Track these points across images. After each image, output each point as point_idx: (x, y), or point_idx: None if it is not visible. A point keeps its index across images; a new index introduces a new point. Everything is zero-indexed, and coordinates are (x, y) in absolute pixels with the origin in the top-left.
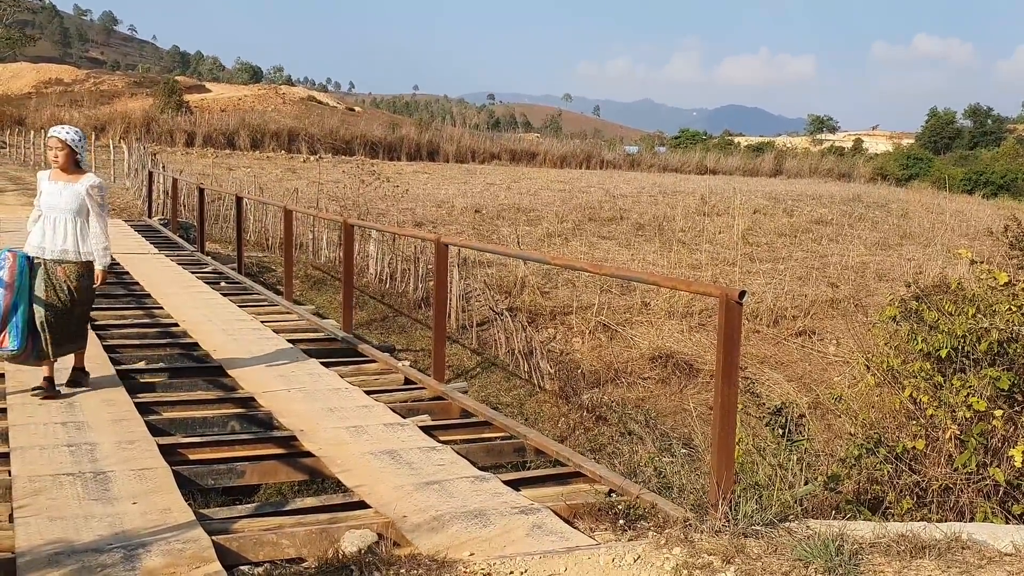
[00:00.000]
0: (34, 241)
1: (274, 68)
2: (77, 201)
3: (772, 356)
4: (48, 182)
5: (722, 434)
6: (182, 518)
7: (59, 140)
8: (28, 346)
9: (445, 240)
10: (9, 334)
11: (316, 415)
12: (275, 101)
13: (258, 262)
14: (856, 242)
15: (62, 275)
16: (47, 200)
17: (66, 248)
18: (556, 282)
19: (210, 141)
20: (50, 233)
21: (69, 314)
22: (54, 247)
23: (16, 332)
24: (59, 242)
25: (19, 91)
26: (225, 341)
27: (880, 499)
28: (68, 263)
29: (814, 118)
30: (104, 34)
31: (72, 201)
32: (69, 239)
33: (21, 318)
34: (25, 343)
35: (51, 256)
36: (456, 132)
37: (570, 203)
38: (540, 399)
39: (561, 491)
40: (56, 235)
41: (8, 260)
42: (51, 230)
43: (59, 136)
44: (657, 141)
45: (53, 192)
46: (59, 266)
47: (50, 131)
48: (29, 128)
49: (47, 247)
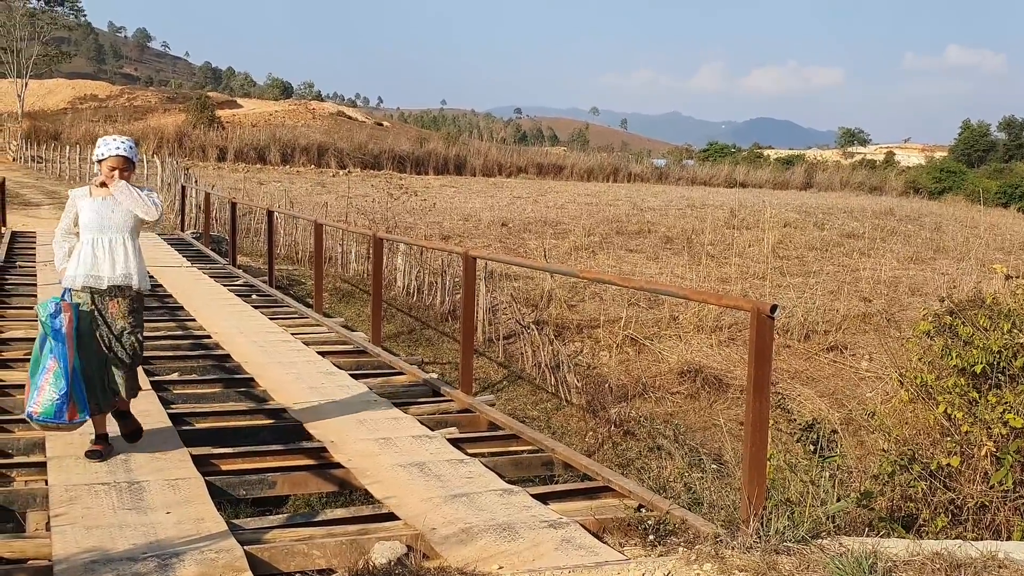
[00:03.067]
0: (79, 271)
1: (304, 84)
2: (132, 218)
3: (803, 371)
4: (89, 200)
5: (753, 449)
6: (215, 528)
7: (123, 159)
8: (91, 408)
9: (473, 253)
10: (78, 403)
11: (346, 426)
12: (305, 116)
13: (288, 275)
14: (888, 256)
15: (115, 310)
16: (94, 221)
17: (128, 272)
18: (583, 295)
19: (241, 156)
20: (104, 258)
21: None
22: (112, 273)
23: (81, 399)
24: (119, 266)
25: (55, 107)
26: (256, 353)
27: (914, 517)
28: (124, 296)
29: (845, 131)
30: (138, 50)
31: (127, 218)
32: (131, 262)
33: (80, 379)
34: (87, 405)
35: (110, 283)
36: (483, 146)
37: (597, 216)
38: (567, 413)
39: (590, 505)
40: (115, 259)
41: (65, 313)
42: (105, 254)
43: (124, 154)
44: (685, 154)
45: (101, 211)
46: (112, 300)
47: (108, 148)
48: (64, 143)
49: (104, 275)
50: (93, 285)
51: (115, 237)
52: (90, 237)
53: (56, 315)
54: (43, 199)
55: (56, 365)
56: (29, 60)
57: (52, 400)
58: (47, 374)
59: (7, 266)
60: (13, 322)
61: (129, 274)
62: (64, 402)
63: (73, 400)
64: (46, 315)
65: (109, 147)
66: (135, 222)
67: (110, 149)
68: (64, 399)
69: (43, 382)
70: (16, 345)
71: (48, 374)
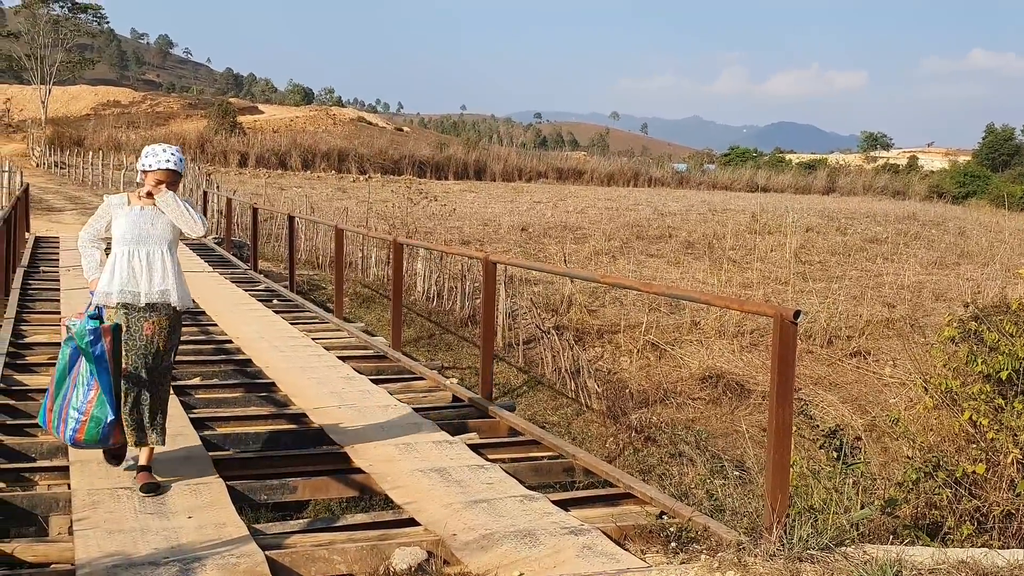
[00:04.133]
0: (114, 286)
1: (325, 90)
2: (172, 230)
3: (826, 377)
4: (127, 209)
5: (776, 456)
6: (236, 533)
7: (171, 173)
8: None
9: (493, 258)
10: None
11: (366, 431)
12: (326, 122)
13: (309, 280)
14: (912, 261)
15: (150, 331)
16: (132, 231)
17: (166, 288)
18: (603, 300)
19: (262, 161)
20: (142, 272)
21: (160, 384)
22: (150, 289)
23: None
24: (157, 281)
25: (78, 113)
26: (277, 358)
27: (939, 524)
28: (161, 314)
29: (867, 135)
30: (160, 57)
31: (167, 230)
32: (169, 277)
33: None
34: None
35: (148, 300)
36: (503, 151)
37: (617, 221)
38: (587, 418)
39: (611, 512)
40: (153, 274)
41: (106, 338)
42: (142, 268)
43: (173, 168)
44: (706, 159)
45: (140, 221)
46: (148, 319)
47: (157, 160)
48: (87, 149)
49: (141, 290)
50: (129, 301)
51: (153, 250)
52: (126, 249)
53: (96, 341)
54: (66, 204)
55: (99, 391)
56: (53, 67)
57: (98, 427)
58: (90, 403)
59: (31, 270)
60: (36, 327)
61: (167, 290)
62: (111, 429)
63: (119, 425)
64: (84, 341)
65: (159, 159)
66: (175, 234)
67: (159, 161)
68: (111, 426)
69: (87, 408)
70: (39, 349)
71: (91, 401)
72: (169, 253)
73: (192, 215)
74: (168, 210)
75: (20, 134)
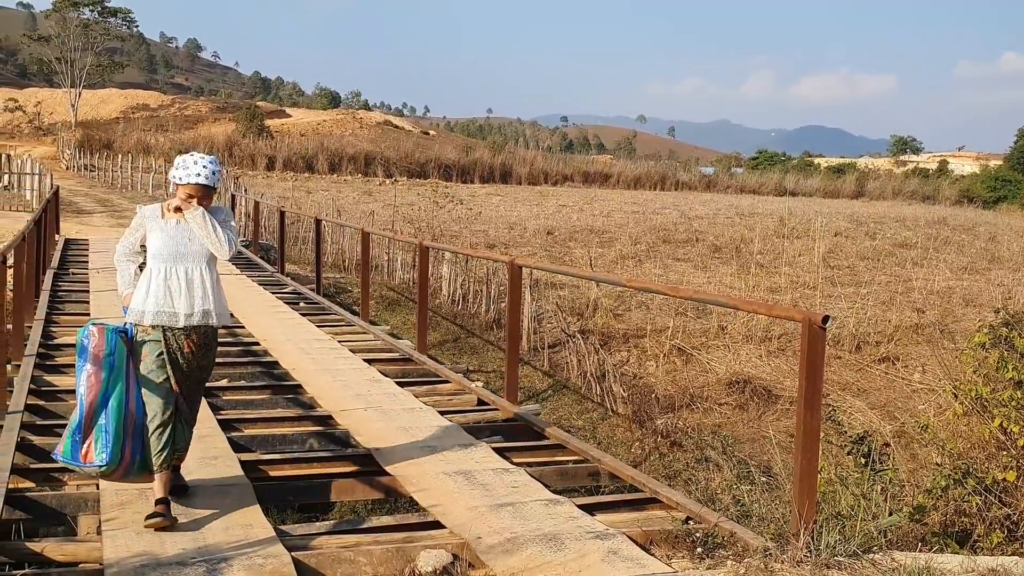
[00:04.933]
0: (149, 305)
1: (352, 93)
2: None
3: (854, 383)
4: (161, 222)
5: (804, 462)
6: (263, 534)
7: (203, 188)
8: (125, 457)
9: (519, 262)
10: (97, 442)
11: (392, 434)
12: (352, 125)
13: (335, 283)
14: (942, 266)
15: (189, 349)
16: (168, 247)
17: (207, 309)
18: (629, 304)
19: (290, 165)
20: (180, 292)
21: (192, 404)
22: (190, 310)
23: (106, 439)
24: (197, 302)
25: (107, 116)
26: (304, 360)
27: (968, 532)
28: (200, 334)
29: (897, 139)
30: (189, 60)
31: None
32: (210, 296)
33: (113, 417)
34: (120, 454)
35: (187, 323)
36: (529, 154)
37: (644, 224)
38: (613, 423)
39: (636, 517)
40: (192, 293)
41: (93, 336)
42: (180, 287)
43: (204, 183)
44: (734, 162)
45: (176, 236)
46: (188, 338)
47: (187, 174)
48: (117, 152)
49: (180, 311)
50: (166, 323)
51: (192, 267)
52: (163, 266)
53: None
54: (96, 207)
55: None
56: (82, 70)
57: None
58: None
59: (60, 272)
60: (65, 328)
61: (208, 311)
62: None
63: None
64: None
65: (189, 171)
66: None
67: (189, 175)
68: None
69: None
70: (68, 351)
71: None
72: (208, 270)
73: (219, 235)
74: (196, 228)
75: (50, 137)
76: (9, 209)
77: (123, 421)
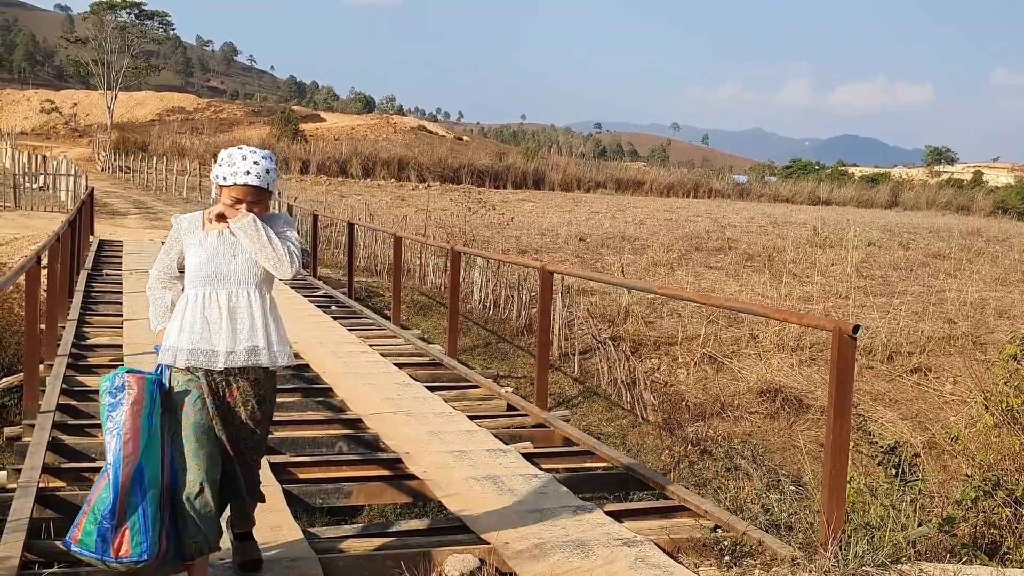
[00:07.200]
0: (183, 342)
1: (386, 98)
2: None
3: (886, 393)
4: (201, 235)
5: (833, 472)
6: (291, 536)
7: (253, 190)
8: (162, 548)
9: (550, 268)
10: (134, 530)
11: (421, 438)
12: (386, 130)
13: (367, 287)
14: (975, 277)
15: (238, 396)
16: (207, 266)
17: (255, 345)
18: (660, 312)
19: (324, 169)
20: (220, 323)
21: (247, 470)
22: (233, 347)
23: (144, 525)
24: (243, 336)
25: (143, 119)
26: (335, 363)
27: (998, 544)
28: (249, 378)
29: (932, 149)
30: (224, 64)
31: (255, 264)
32: (259, 329)
33: (151, 496)
34: (159, 543)
35: (228, 363)
36: (562, 161)
37: (676, 232)
38: (643, 430)
39: (664, 524)
40: (236, 326)
41: (131, 389)
42: (221, 317)
43: (254, 184)
44: (767, 171)
45: (218, 252)
46: (233, 384)
47: (233, 171)
48: (152, 154)
49: (220, 349)
50: (203, 364)
51: (236, 291)
52: (200, 292)
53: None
54: (130, 208)
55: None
56: (119, 73)
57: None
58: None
59: (94, 273)
60: (98, 328)
61: (257, 347)
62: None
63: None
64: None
65: (235, 169)
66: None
67: (235, 173)
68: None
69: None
70: (101, 351)
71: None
72: (259, 294)
73: (277, 249)
74: (246, 239)
75: (86, 139)
76: (44, 210)
77: (159, 500)
